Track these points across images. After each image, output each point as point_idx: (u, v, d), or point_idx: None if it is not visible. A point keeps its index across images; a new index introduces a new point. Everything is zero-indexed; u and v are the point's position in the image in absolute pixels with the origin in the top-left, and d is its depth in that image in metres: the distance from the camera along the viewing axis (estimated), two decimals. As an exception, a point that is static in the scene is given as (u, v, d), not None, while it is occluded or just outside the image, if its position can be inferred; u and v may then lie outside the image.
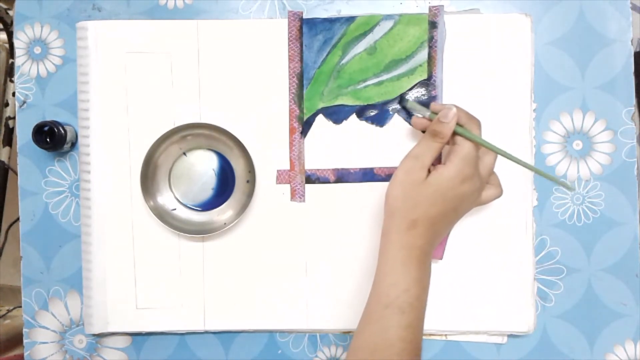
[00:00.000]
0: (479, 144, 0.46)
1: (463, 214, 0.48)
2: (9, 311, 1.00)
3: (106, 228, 0.56)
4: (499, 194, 0.50)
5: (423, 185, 0.45)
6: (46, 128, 0.54)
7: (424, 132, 0.49)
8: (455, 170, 0.45)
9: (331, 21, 0.55)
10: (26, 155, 0.58)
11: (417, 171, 0.45)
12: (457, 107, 0.47)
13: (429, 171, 0.46)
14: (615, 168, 0.55)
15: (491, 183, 0.50)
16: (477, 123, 0.48)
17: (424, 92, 0.55)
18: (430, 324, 0.55)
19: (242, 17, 0.57)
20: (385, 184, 0.48)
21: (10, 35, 0.82)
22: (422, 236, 0.45)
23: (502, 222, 0.55)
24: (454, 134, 0.46)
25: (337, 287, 0.56)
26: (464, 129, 0.46)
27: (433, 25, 0.55)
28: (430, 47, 0.55)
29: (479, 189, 0.47)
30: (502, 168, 0.55)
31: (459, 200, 0.45)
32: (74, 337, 0.58)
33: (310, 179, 0.56)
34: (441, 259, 0.55)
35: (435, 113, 0.48)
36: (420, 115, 0.51)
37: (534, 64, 0.55)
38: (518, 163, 0.48)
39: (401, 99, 0.55)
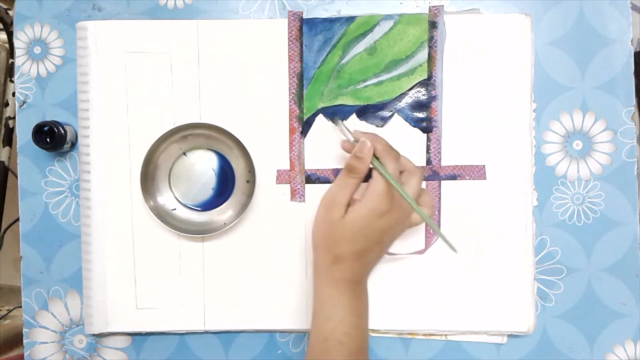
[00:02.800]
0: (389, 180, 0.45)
1: (391, 243, 0.48)
2: (9, 311, 1.00)
3: (106, 228, 0.56)
4: (430, 214, 0.49)
5: (341, 223, 0.45)
6: (46, 128, 0.54)
7: None
8: (370, 208, 0.45)
9: (331, 21, 0.55)
10: (26, 155, 0.58)
11: (335, 210, 0.45)
12: (375, 138, 0.46)
13: (350, 205, 0.46)
14: (615, 168, 0.55)
15: (421, 204, 0.48)
16: (394, 156, 0.46)
17: (424, 92, 0.55)
18: (430, 324, 0.55)
19: (242, 17, 0.57)
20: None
21: (10, 35, 0.82)
22: (348, 269, 0.45)
23: (502, 222, 0.55)
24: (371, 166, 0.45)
25: (337, 287, 0.56)
26: (379, 162, 0.45)
27: (433, 25, 0.55)
28: (430, 47, 0.55)
29: (400, 218, 0.46)
30: (502, 168, 0.55)
31: (381, 234, 0.45)
32: (74, 337, 0.58)
33: (310, 179, 0.56)
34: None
35: (357, 141, 0.47)
36: (345, 138, 0.49)
37: (534, 64, 0.55)
38: (420, 214, 0.46)
39: (332, 118, 0.54)
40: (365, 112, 0.55)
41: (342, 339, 0.44)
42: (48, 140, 0.54)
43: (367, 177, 0.47)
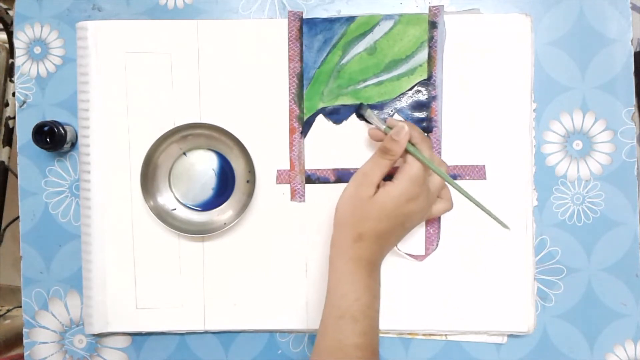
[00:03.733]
0: (426, 166, 0.47)
1: (411, 229, 0.49)
2: (9, 311, 1.00)
3: (106, 228, 0.56)
4: (449, 207, 0.51)
5: (370, 201, 0.46)
6: (46, 128, 0.54)
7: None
8: (402, 190, 0.45)
9: (331, 21, 0.55)
10: (26, 155, 0.58)
11: (365, 188, 0.46)
12: (410, 125, 0.48)
13: (379, 186, 0.47)
14: (615, 168, 0.55)
15: (442, 197, 0.50)
16: (429, 144, 0.48)
17: (424, 92, 0.55)
18: (430, 324, 0.55)
19: (242, 17, 0.57)
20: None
21: (10, 35, 0.82)
22: (368, 248, 0.46)
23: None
24: (405, 151, 0.47)
25: (337, 287, 0.56)
26: (415, 148, 0.47)
27: (433, 25, 0.55)
28: (430, 47, 0.55)
29: (426, 206, 0.48)
30: (502, 168, 0.55)
31: (405, 217, 0.46)
32: (74, 337, 0.58)
33: (310, 179, 0.56)
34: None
35: (391, 128, 0.48)
36: (374, 127, 0.51)
37: (534, 64, 0.55)
38: (462, 193, 0.48)
39: (360, 105, 0.55)
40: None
41: (357, 317, 0.44)
42: (48, 140, 0.54)
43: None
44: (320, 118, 0.56)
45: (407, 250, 0.55)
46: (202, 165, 0.56)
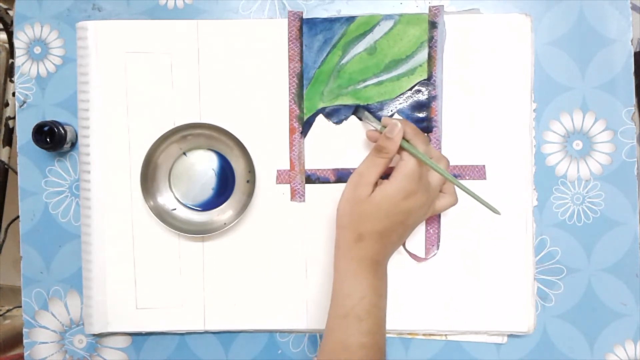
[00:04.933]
0: (422, 161, 0.46)
1: (414, 226, 0.49)
2: (9, 311, 1.00)
3: (106, 228, 0.56)
4: (454, 202, 0.50)
5: (368, 201, 0.46)
6: (46, 128, 0.54)
7: None
8: (398, 187, 0.45)
9: (331, 21, 0.55)
10: (26, 155, 0.58)
11: (362, 188, 0.46)
12: (404, 121, 0.47)
13: (377, 185, 0.47)
14: (615, 168, 0.55)
15: (445, 192, 0.50)
16: (424, 139, 0.48)
17: (424, 92, 0.55)
18: (430, 324, 0.55)
19: (242, 17, 0.57)
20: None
21: (10, 35, 0.82)
22: (370, 248, 0.46)
23: (502, 222, 0.55)
24: (401, 148, 0.46)
25: (337, 287, 0.56)
26: (410, 144, 0.47)
27: (433, 25, 0.55)
28: (430, 47, 0.55)
29: (426, 201, 0.47)
30: (502, 168, 0.55)
31: (405, 214, 0.46)
32: (74, 337, 0.58)
33: (310, 179, 0.56)
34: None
35: (385, 127, 0.48)
36: (373, 128, 0.51)
37: (534, 64, 0.55)
38: (458, 185, 0.48)
39: (356, 109, 0.54)
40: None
41: (362, 316, 0.44)
42: (48, 140, 0.54)
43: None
44: (320, 118, 0.56)
45: (410, 250, 0.55)
46: (202, 165, 0.56)
